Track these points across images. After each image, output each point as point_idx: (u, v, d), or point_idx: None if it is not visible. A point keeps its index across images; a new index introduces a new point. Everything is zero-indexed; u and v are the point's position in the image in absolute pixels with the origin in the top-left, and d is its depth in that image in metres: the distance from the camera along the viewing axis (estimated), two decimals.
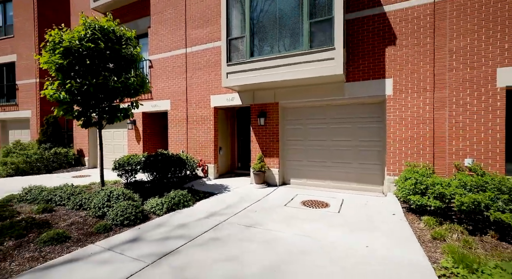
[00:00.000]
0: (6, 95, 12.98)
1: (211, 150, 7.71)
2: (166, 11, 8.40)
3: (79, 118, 5.13)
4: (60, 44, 4.42)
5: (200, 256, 2.84)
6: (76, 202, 4.51)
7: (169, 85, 8.47)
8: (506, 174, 4.57)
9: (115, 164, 6.35)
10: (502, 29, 4.59)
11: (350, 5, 5.82)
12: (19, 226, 3.40)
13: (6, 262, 2.70)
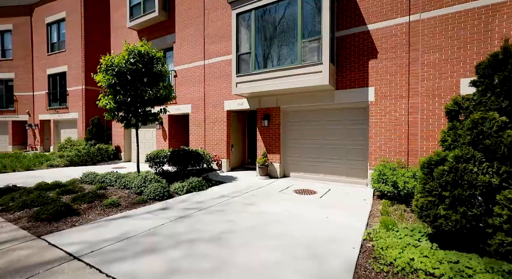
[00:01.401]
0: (59, 99, 15.50)
1: (224, 147, 9.08)
2: (188, 29, 9.91)
3: (122, 121, 6.73)
4: (111, 67, 6.00)
5: (207, 218, 4.15)
6: (121, 183, 6.09)
7: (190, 92, 9.99)
8: None
9: (147, 157, 7.95)
10: (464, 45, 5.36)
11: (339, 24, 6.81)
12: (88, 196, 4.97)
13: (85, 215, 4.22)
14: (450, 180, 2.49)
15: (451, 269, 2.26)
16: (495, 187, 2.30)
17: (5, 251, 2.92)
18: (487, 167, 2.33)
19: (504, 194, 2.18)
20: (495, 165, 2.29)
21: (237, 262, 2.69)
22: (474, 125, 2.46)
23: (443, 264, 2.36)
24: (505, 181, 2.25)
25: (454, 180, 2.47)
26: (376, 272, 2.49)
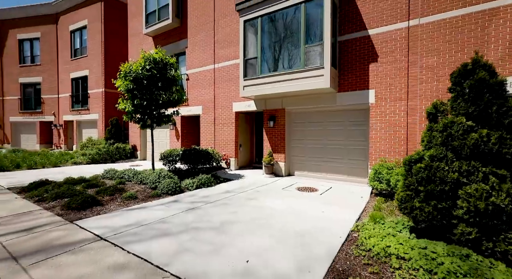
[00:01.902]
0: (81, 101, 16.61)
1: (232, 147, 9.58)
2: (199, 35, 10.48)
3: (139, 122, 7.36)
4: (129, 74, 6.63)
5: (213, 210, 4.62)
6: (138, 179, 6.71)
7: (201, 94, 10.56)
8: None
9: (161, 156, 8.58)
10: (462, 49, 5.53)
11: (341, 29, 7.10)
12: (109, 189, 5.59)
13: (107, 205, 4.82)
14: (425, 177, 2.81)
15: (419, 253, 2.59)
16: (461, 183, 2.60)
17: (46, 232, 3.52)
18: (457, 166, 2.63)
19: (465, 189, 2.48)
20: (460, 164, 2.59)
21: (233, 245, 3.13)
22: (444, 128, 2.76)
23: (413, 250, 2.69)
24: (466, 178, 2.55)
25: (428, 177, 2.78)
26: (355, 256, 2.86)
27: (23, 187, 6.06)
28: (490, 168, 2.48)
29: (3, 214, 4.25)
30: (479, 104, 2.61)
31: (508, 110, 2.55)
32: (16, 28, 18.59)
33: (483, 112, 2.61)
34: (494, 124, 2.59)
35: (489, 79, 2.64)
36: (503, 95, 2.64)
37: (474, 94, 2.68)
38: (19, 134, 19.47)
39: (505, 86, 2.71)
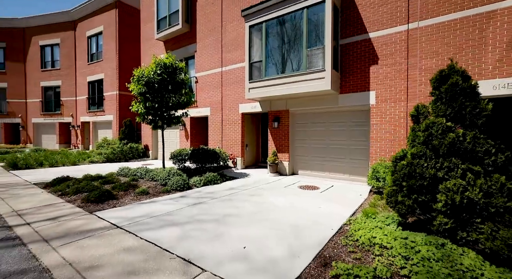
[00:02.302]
0: (97, 103, 17.48)
1: (239, 146, 9.94)
2: (207, 39, 10.93)
3: (150, 123, 7.85)
4: (142, 78, 7.12)
5: (217, 204, 4.99)
6: (150, 176, 7.18)
7: (209, 96, 11.00)
8: None
9: (171, 155, 9.05)
10: (460, 51, 5.65)
11: (343, 33, 7.32)
12: (124, 185, 6.08)
13: (121, 199, 5.28)
14: (407, 173, 3.05)
15: (400, 243, 2.84)
16: (439, 178, 2.83)
17: (69, 221, 3.99)
18: (434, 163, 2.86)
19: (445, 184, 2.70)
20: (440, 161, 2.82)
21: (232, 234, 3.47)
22: (426, 128, 2.99)
23: (396, 240, 2.94)
24: (446, 174, 2.77)
25: (409, 173, 3.02)
26: (343, 245, 3.13)
27: (47, 183, 6.66)
28: (467, 165, 2.70)
29: (32, 206, 4.78)
30: (454, 106, 2.83)
31: (481, 112, 2.76)
32: (38, 35, 19.78)
33: (458, 114, 2.83)
34: (468, 124, 2.80)
35: (462, 83, 2.86)
36: (475, 98, 2.84)
37: (449, 97, 2.90)
38: (41, 134, 20.67)
39: (477, 89, 2.91)
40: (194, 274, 2.48)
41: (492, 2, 5.28)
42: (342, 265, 2.51)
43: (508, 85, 5.14)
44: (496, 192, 2.51)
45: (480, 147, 2.67)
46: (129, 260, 2.74)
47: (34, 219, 4.02)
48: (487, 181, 2.56)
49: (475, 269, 2.34)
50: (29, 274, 2.46)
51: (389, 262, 2.61)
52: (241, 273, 2.49)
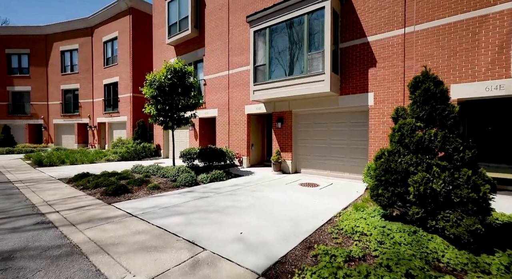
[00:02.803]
0: (112, 105, 18.44)
1: (245, 146, 10.40)
2: (215, 43, 11.45)
3: (162, 124, 8.43)
4: (154, 82, 7.71)
5: (220, 198, 5.45)
6: (161, 173, 7.76)
7: (217, 98, 11.52)
8: None
9: (181, 154, 9.62)
10: (454, 54, 5.86)
11: (343, 37, 7.62)
12: (137, 181, 6.66)
13: (136, 193, 5.85)
14: (384, 168, 3.39)
15: (378, 231, 3.19)
16: (410, 172, 3.15)
17: (91, 210, 4.56)
18: (406, 159, 3.19)
19: (412, 177, 3.03)
20: (410, 157, 3.14)
21: (231, 222, 3.92)
22: (399, 128, 3.33)
23: (376, 229, 3.29)
24: (415, 168, 3.09)
25: (386, 168, 3.36)
26: (328, 232, 3.51)
27: (70, 178, 7.35)
28: (435, 160, 3.02)
29: (59, 197, 5.42)
30: (426, 109, 3.15)
31: (449, 114, 3.06)
32: (59, 41, 21.04)
33: (430, 116, 3.14)
34: (439, 125, 3.11)
35: (433, 89, 3.17)
36: (445, 101, 3.14)
37: (422, 101, 3.21)
38: (61, 134, 21.95)
39: (447, 93, 3.21)
40: (196, 252, 2.94)
41: (484, 6, 5.48)
42: (322, 247, 2.90)
43: (500, 87, 5.32)
44: (463, 184, 2.82)
45: (449, 145, 2.99)
46: (143, 240, 3.24)
47: (61, 208, 4.62)
48: (453, 174, 2.87)
49: (437, 252, 2.67)
50: (63, 248, 3.00)
51: (365, 246, 2.98)
52: (236, 252, 2.93)
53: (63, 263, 2.68)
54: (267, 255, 2.86)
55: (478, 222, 2.63)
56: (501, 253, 2.59)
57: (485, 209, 2.81)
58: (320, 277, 2.28)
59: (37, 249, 3.00)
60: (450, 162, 2.98)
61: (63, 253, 2.91)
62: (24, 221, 3.94)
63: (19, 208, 4.61)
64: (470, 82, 5.69)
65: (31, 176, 7.91)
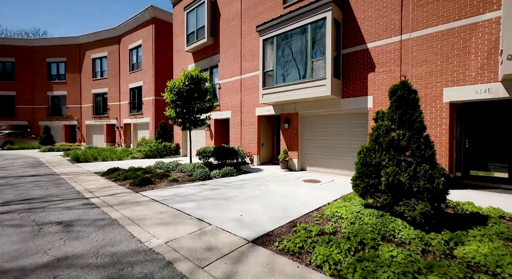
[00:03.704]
0: (137, 107, 20.05)
1: (255, 145, 11.19)
2: (229, 50, 12.36)
3: (180, 125, 9.46)
4: (173, 88, 8.74)
5: (228, 190, 6.28)
6: (179, 168, 8.78)
7: (230, 101, 12.42)
8: (450, 164, 6.21)
9: (197, 152, 10.61)
10: (446, 59, 6.23)
11: (344, 44, 8.16)
12: (159, 175, 7.70)
13: (158, 184, 6.85)
14: (362, 162, 4.01)
15: (353, 215, 3.83)
16: (383, 166, 3.75)
17: (122, 196, 5.59)
18: (379, 155, 3.80)
19: (385, 170, 3.63)
20: (383, 153, 3.74)
21: (234, 208, 4.72)
22: (376, 128, 3.93)
23: (352, 214, 3.92)
24: (387, 162, 3.68)
25: (363, 162, 3.98)
26: (313, 217, 4.20)
27: (103, 172, 8.58)
28: (403, 156, 3.60)
29: (96, 187, 6.55)
30: (398, 113, 3.73)
31: (416, 118, 3.62)
32: (90, 50, 23.17)
33: (401, 119, 3.72)
34: (408, 127, 3.68)
35: (406, 96, 3.74)
36: (416, 108, 3.70)
37: (396, 106, 3.80)
38: (92, 134, 24.13)
39: (417, 101, 3.76)
40: (203, 226, 3.77)
41: (474, 15, 5.82)
42: (303, 225, 3.61)
43: (488, 90, 5.66)
44: (421, 176, 3.39)
45: (413, 144, 3.56)
46: (163, 217, 4.14)
47: (100, 194, 5.70)
48: (415, 168, 3.45)
49: (395, 230, 3.28)
50: (106, 221, 3.98)
51: (338, 225, 3.65)
52: (234, 227, 3.72)
53: (107, 229, 3.63)
54: (258, 230, 3.63)
55: (429, 207, 3.21)
56: (447, 232, 3.15)
57: (439, 197, 3.37)
58: (293, 242, 3.01)
59: (87, 220, 4.00)
60: (413, 158, 3.56)
61: (106, 223, 3.87)
62: (74, 203, 5.02)
63: (68, 194, 5.75)
64: (461, 85, 6.05)
65: (72, 170, 9.27)
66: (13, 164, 10.89)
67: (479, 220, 3.71)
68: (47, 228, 3.67)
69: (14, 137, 20.20)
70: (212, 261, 2.74)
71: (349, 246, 2.83)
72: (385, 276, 2.24)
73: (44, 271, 2.54)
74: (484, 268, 2.47)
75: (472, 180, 6.85)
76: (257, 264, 2.68)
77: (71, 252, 2.96)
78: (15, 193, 5.74)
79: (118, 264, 2.69)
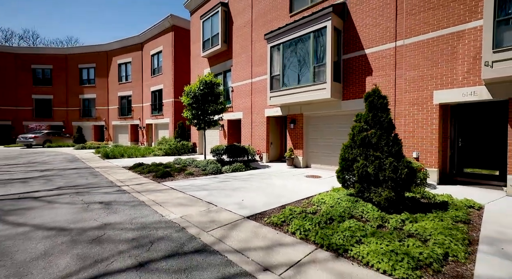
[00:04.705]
0: (158, 109, 21.65)
1: (264, 144, 12.05)
2: (241, 56, 13.31)
3: (195, 125, 10.55)
4: (190, 93, 9.84)
5: (236, 182, 7.20)
6: (195, 164, 9.87)
7: (242, 102, 13.37)
8: (444, 161, 6.71)
9: (211, 149, 11.67)
10: (436, 64, 6.72)
11: (345, 49, 8.79)
12: (177, 169, 8.81)
13: (176, 177, 7.94)
14: (342, 157, 4.74)
15: (334, 201, 4.59)
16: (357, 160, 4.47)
17: (147, 185, 6.70)
18: (355, 151, 4.51)
19: (356, 164, 4.35)
20: (357, 149, 4.46)
21: (238, 195, 5.63)
22: (353, 129, 4.65)
23: (334, 200, 4.68)
24: (358, 157, 4.40)
25: (343, 158, 4.72)
26: (302, 202, 4.99)
27: (130, 166, 9.87)
28: (372, 152, 4.30)
29: (125, 178, 7.76)
30: (370, 115, 4.43)
31: (385, 119, 4.30)
32: (117, 56, 25.20)
33: (373, 120, 4.42)
34: (378, 127, 4.37)
35: (376, 101, 4.43)
36: (384, 110, 4.37)
37: (369, 109, 4.50)
38: (117, 133, 26.23)
39: (386, 105, 4.43)
40: (210, 207, 4.71)
41: (461, 23, 6.28)
42: (290, 207, 4.43)
43: (473, 93, 6.10)
44: (387, 168, 4.09)
45: (383, 141, 4.25)
46: (179, 201, 5.14)
47: (129, 184, 6.86)
48: (382, 161, 4.15)
49: (363, 212, 4.01)
50: (135, 202, 5.05)
51: (319, 208, 4.43)
52: (234, 208, 4.63)
53: (137, 208, 4.69)
54: (253, 210, 4.51)
55: (392, 193, 3.91)
56: (406, 214, 3.84)
57: (403, 186, 4.05)
58: (278, 218, 3.86)
59: (121, 201, 5.10)
60: (382, 153, 4.26)
61: (135, 204, 4.94)
62: (110, 189, 6.20)
63: (104, 183, 6.98)
64: (450, 88, 6.51)
65: (104, 165, 10.69)
66: (55, 159, 12.60)
67: (443, 208, 4.33)
68: (93, 206, 4.80)
69: (52, 136, 22.61)
70: (214, 228, 3.66)
71: (319, 220, 3.62)
72: (337, 236, 3.03)
73: (96, 230, 3.60)
74: (419, 236, 3.17)
75: (465, 177, 7.25)
76: (246, 231, 3.56)
77: (113, 220, 4.02)
78: (64, 181, 7.07)
79: (146, 228, 3.69)
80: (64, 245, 3.12)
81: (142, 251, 2.96)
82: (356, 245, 2.94)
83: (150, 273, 2.51)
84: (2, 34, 45.30)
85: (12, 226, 3.73)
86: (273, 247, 3.05)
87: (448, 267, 2.62)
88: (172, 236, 3.39)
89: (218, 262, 2.72)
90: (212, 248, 3.04)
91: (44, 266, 2.62)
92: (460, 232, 3.24)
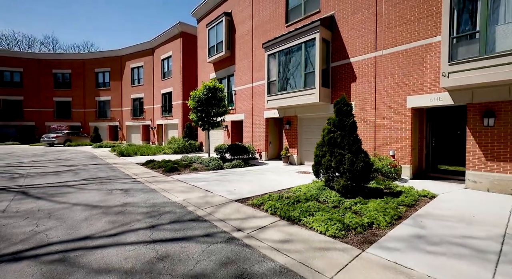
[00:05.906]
0: (167, 110, 23.08)
1: (263, 143, 13.11)
2: (243, 61, 14.42)
3: (200, 126, 11.74)
4: (195, 97, 11.04)
5: (233, 176, 8.31)
6: (199, 161, 11.06)
7: (244, 105, 14.48)
8: (420, 158, 7.58)
9: (215, 148, 12.85)
10: (409, 73, 7.58)
11: (333, 58, 9.72)
12: (184, 165, 10.01)
13: (182, 171, 9.14)
14: (316, 154, 5.76)
15: (307, 189, 5.61)
16: (325, 156, 5.46)
17: (157, 177, 7.92)
18: (324, 149, 5.51)
19: (323, 159, 5.35)
20: (325, 147, 5.46)
21: (231, 186, 6.73)
22: (323, 130, 5.66)
23: (307, 188, 5.70)
24: (327, 154, 5.39)
25: (316, 154, 5.72)
26: (282, 191, 6.04)
27: (142, 163, 11.16)
28: (337, 149, 5.29)
29: (139, 172, 9.03)
30: (336, 119, 5.42)
31: (347, 123, 5.28)
32: (130, 60, 26.87)
33: (339, 123, 5.41)
34: (343, 129, 5.35)
35: (342, 107, 5.42)
36: (348, 115, 5.35)
37: (336, 114, 5.49)
38: (130, 133, 27.93)
39: (350, 111, 5.40)
40: (207, 194, 5.84)
41: (429, 37, 7.13)
42: (269, 193, 5.49)
43: (439, 98, 6.95)
44: (346, 162, 5.08)
45: (345, 140, 5.24)
46: (183, 189, 6.30)
47: (142, 176, 8.10)
48: (343, 157, 5.14)
49: (327, 197, 5.02)
50: (147, 189, 6.25)
51: (294, 195, 5.47)
52: (226, 194, 5.73)
53: (149, 193, 5.88)
54: (240, 196, 5.60)
55: (348, 182, 4.91)
56: (360, 198, 4.82)
57: (360, 177, 5.04)
58: (257, 200, 4.93)
59: (136, 189, 6.31)
60: (344, 150, 5.25)
61: (148, 190, 6.14)
62: (126, 180, 7.44)
63: (121, 175, 8.25)
64: (420, 94, 7.37)
65: (120, 161, 12.06)
66: (77, 157, 14.13)
67: (397, 195, 5.27)
68: (115, 192, 6.02)
69: (71, 136, 24.50)
70: (207, 207, 4.78)
71: (288, 202, 4.68)
72: (296, 212, 4.07)
73: (119, 207, 4.78)
74: (360, 213, 4.18)
75: (438, 173, 8.08)
76: (231, 208, 4.66)
77: (130, 201, 5.21)
78: (88, 174, 8.40)
79: (156, 206, 4.85)
80: (98, 215, 4.32)
81: (153, 219, 4.11)
82: (308, 216, 3.97)
83: (159, 231, 3.64)
84: (26, 41, 48.25)
85: (59, 203, 4.99)
86: (248, 218, 4.14)
87: (369, 231, 3.62)
88: (175, 211, 4.53)
89: (206, 226, 3.84)
90: (203, 218, 4.15)
91: (87, 225, 3.81)
92: (393, 211, 4.21)
